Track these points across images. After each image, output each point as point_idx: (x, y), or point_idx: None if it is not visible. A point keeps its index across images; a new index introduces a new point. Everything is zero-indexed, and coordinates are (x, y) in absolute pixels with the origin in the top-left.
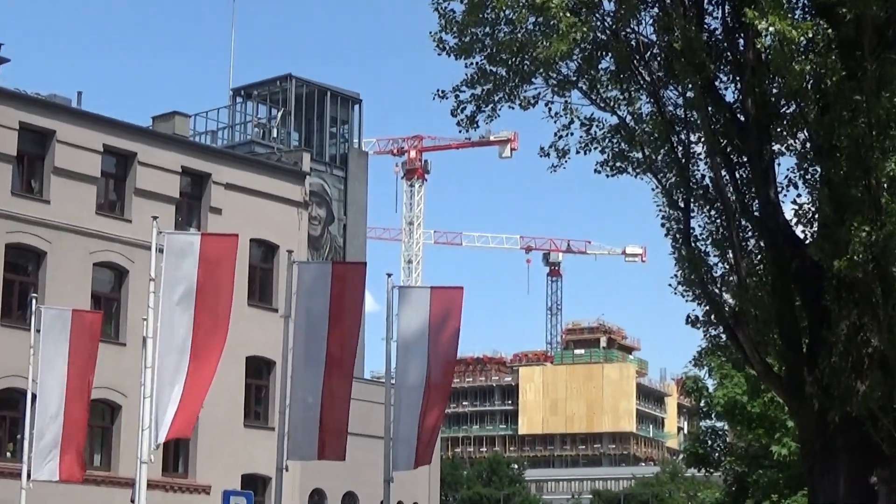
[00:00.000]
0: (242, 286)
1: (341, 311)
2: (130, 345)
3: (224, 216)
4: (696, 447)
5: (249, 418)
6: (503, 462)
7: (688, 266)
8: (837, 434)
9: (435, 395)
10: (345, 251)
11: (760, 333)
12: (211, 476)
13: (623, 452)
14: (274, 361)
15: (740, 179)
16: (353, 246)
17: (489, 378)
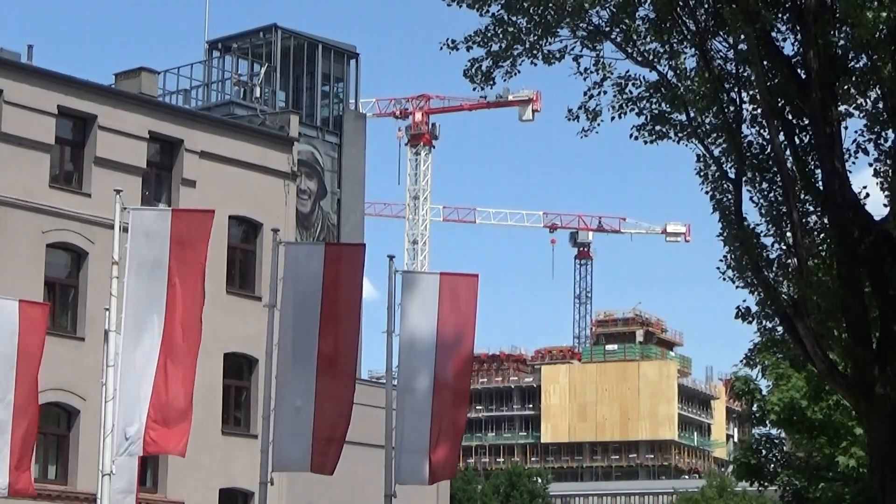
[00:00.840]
0: (220, 271)
1: (336, 301)
2: (90, 340)
3: (198, 189)
4: (747, 457)
5: (228, 425)
6: (523, 475)
7: (738, 247)
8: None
9: (446, 398)
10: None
11: (823, 325)
12: (184, 491)
13: (663, 464)
14: (256, 359)
15: (801, 145)
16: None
17: (507, 378)
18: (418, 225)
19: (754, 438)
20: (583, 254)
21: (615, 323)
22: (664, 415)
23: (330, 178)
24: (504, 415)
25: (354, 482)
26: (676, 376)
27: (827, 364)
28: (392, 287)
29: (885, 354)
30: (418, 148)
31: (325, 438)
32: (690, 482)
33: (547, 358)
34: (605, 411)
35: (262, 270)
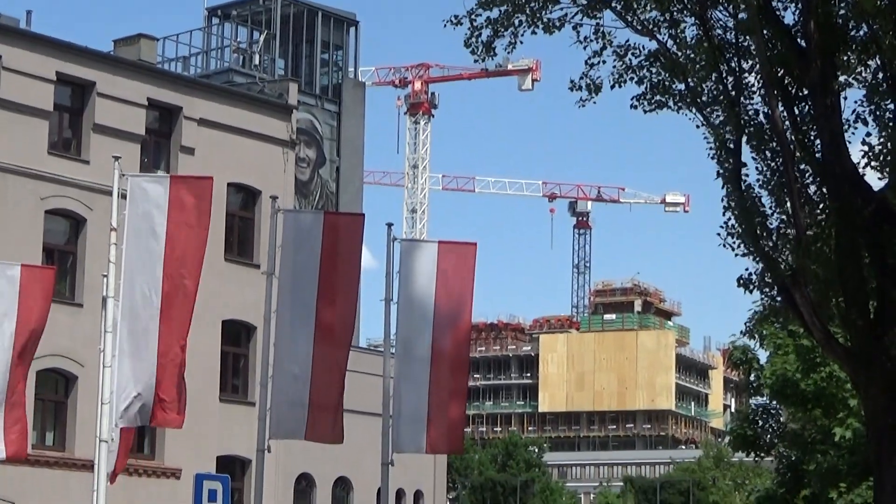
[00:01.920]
0: (218, 238)
1: (334, 270)
2: (88, 306)
3: (197, 157)
4: (744, 428)
5: (226, 392)
6: (520, 444)
7: (738, 215)
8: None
9: (445, 367)
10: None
11: (821, 295)
12: (181, 458)
13: (660, 434)
14: (255, 326)
15: (800, 115)
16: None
17: (505, 347)
18: (417, 194)
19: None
20: (581, 223)
21: (613, 293)
22: (662, 385)
23: (329, 146)
24: (502, 384)
25: (352, 450)
26: (674, 346)
27: (824, 334)
28: (390, 255)
29: (882, 325)
30: (417, 117)
31: (321, 406)
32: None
33: (545, 327)
34: (603, 381)
35: (261, 238)
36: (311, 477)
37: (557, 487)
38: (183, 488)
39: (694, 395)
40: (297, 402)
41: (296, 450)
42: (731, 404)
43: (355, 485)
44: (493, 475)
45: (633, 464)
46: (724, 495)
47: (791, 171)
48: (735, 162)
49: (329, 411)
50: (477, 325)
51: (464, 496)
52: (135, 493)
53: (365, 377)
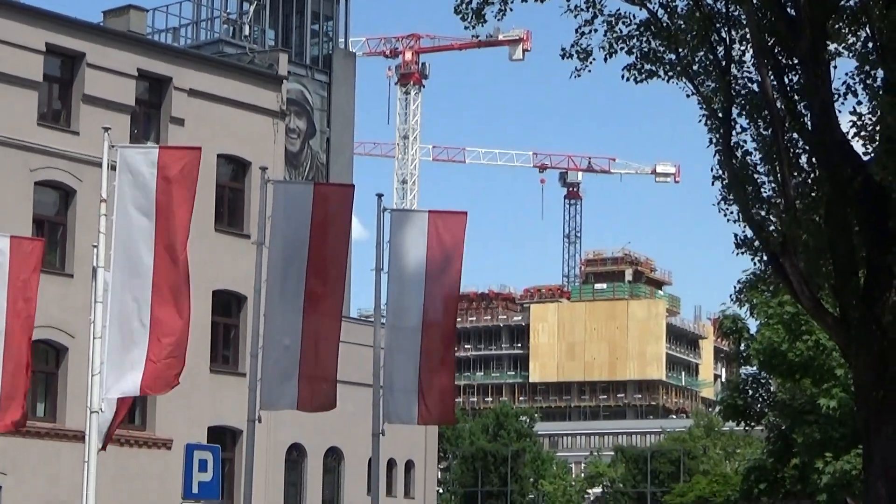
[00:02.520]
0: (209, 209)
1: (324, 240)
2: (78, 276)
3: (187, 128)
4: (734, 398)
5: (216, 362)
6: (511, 414)
7: (728, 184)
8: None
9: (435, 337)
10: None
11: (811, 264)
12: (172, 429)
13: (650, 403)
14: (245, 296)
15: (790, 85)
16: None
17: (495, 317)
18: (408, 164)
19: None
20: (572, 193)
21: (604, 262)
22: (652, 354)
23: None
24: (492, 354)
25: (342, 421)
26: (665, 315)
27: (814, 303)
28: (380, 225)
29: (871, 293)
30: (408, 87)
31: (311, 377)
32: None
33: (536, 297)
34: (594, 350)
35: (251, 208)
36: (302, 447)
37: (548, 457)
38: (174, 458)
39: (684, 364)
40: (288, 372)
41: (287, 420)
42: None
43: (346, 455)
44: (484, 445)
45: (624, 433)
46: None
47: (781, 140)
48: (725, 131)
49: (318, 381)
50: (468, 296)
51: (455, 466)
52: (126, 463)
53: (355, 347)
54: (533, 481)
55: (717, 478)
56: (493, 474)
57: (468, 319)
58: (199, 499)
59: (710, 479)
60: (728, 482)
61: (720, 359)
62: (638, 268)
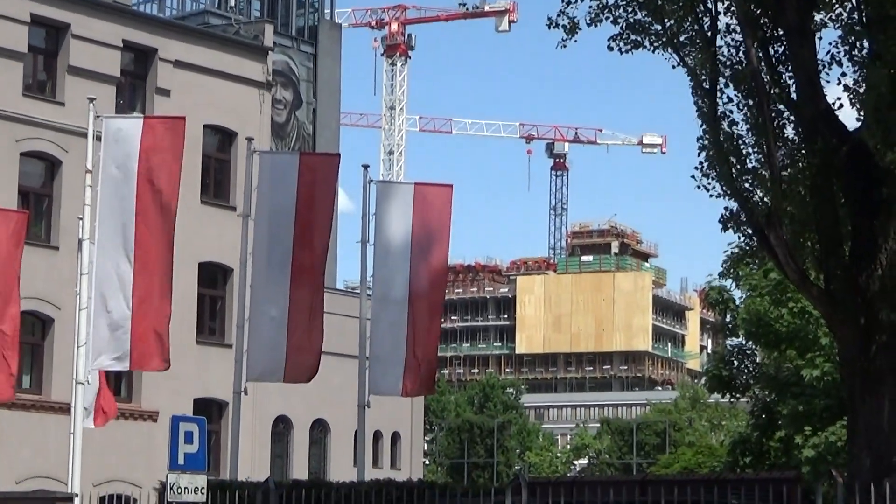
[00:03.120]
0: (195, 180)
1: (310, 210)
2: (64, 248)
3: (173, 98)
4: (719, 369)
5: (203, 334)
6: (497, 386)
7: (714, 155)
8: (884, 352)
9: (422, 309)
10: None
11: (796, 236)
12: (158, 401)
13: (636, 375)
14: (231, 268)
15: (776, 56)
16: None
17: (482, 289)
18: (394, 135)
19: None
20: (559, 165)
21: (590, 234)
22: (638, 326)
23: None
24: (479, 325)
25: (329, 392)
26: (651, 287)
27: (799, 274)
28: (366, 197)
29: (857, 265)
30: (394, 58)
31: (298, 348)
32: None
33: (522, 269)
34: (580, 322)
35: (237, 180)
36: (288, 419)
37: (534, 429)
38: (160, 431)
39: (670, 336)
40: (275, 344)
41: (273, 392)
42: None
43: (332, 427)
44: (470, 417)
45: (610, 405)
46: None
47: (766, 111)
48: (711, 102)
49: (305, 352)
50: (454, 267)
51: (441, 438)
52: (111, 435)
53: (342, 319)
54: (519, 453)
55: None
56: (480, 446)
57: (454, 291)
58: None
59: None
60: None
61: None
62: (624, 240)
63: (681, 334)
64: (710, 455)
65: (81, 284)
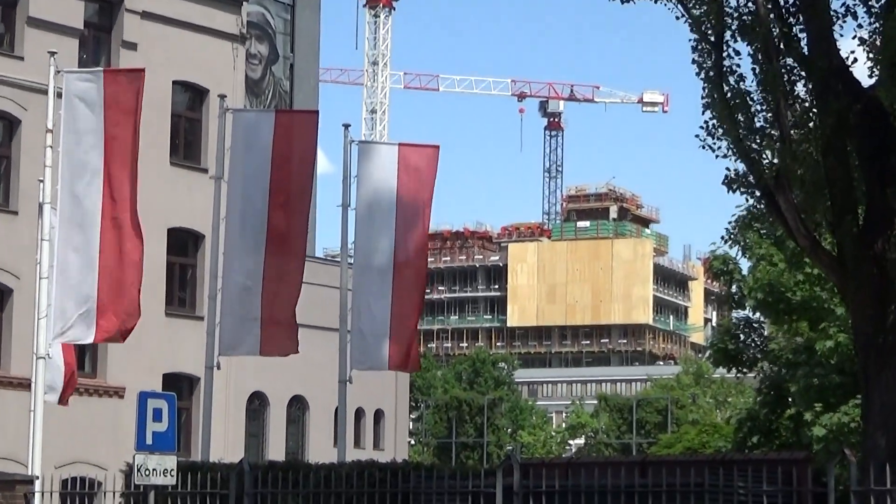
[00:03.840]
0: (163, 141)
1: (287, 172)
2: (24, 213)
3: (140, 52)
4: (725, 342)
5: (172, 305)
6: (488, 360)
7: (719, 113)
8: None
9: (407, 277)
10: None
11: (807, 199)
12: (125, 376)
13: (636, 349)
14: (203, 234)
15: (786, 7)
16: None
17: (471, 257)
18: (377, 93)
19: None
20: (553, 124)
21: (587, 198)
22: (638, 297)
23: (282, 41)
24: (468, 296)
25: (308, 367)
26: (652, 255)
27: (810, 241)
28: (348, 158)
29: (871, 230)
30: (377, 10)
31: (275, 321)
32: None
33: (514, 235)
34: (576, 293)
35: (209, 140)
36: (264, 396)
37: (527, 406)
38: (126, 408)
39: (673, 307)
40: (249, 315)
41: (248, 367)
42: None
43: (311, 404)
44: (458, 394)
45: (608, 381)
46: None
47: (776, 66)
48: (717, 56)
49: (282, 325)
50: (441, 234)
51: (427, 416)
52: (75, 412)
53: (321, 289)
54: (511, 432)
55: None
56: (469, 424)
57: (442, 259)
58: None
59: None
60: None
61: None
62: (623, 204)
63: (684, 306)
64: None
65: (42, 251)
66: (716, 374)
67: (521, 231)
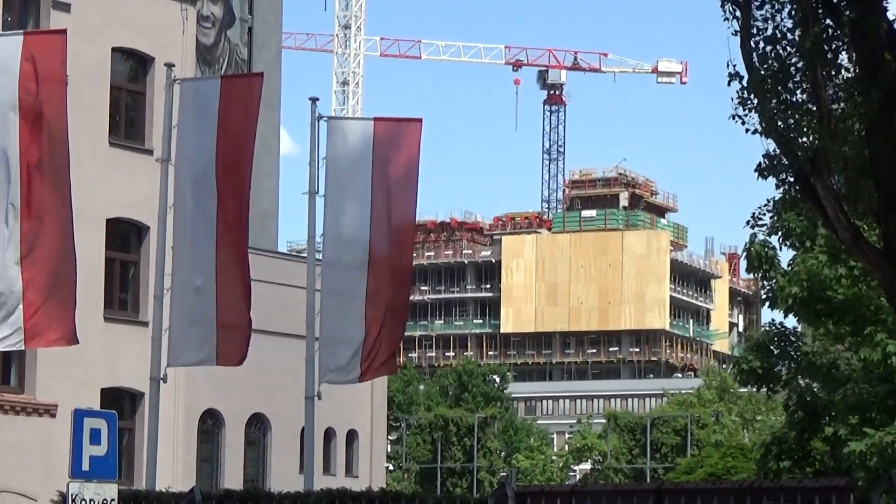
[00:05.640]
0: (101, 117)
1: (232, 148)
2: None
3: (73, 15)
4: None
5: (112, 309)
6: (478, 373)
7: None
8: None
9: (383, 276)
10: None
11: (850, 185)
12: (58, 392)
13: (651, 359)
14: (147, 226)
15: None
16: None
17: (458, 252)
18: (349, 61)
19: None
20: (554, 98)
21: (593, 184)
22: (653, 298)
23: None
24: (455, 297)
25: (269, 380)
26: (669, 250)
27: (852, 233)
28: (315, 137)
29: None
30: None
31: (230, 325)
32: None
33: (509, 227)
34: (581, 293)
35: (154, 117)
36: (218, 414)
37: (524, 426)
38: (59, 428)
39: (693, 310)
40: (201, 319)
41: (199, 380)
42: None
43: (273, 423)
44: (443, 412)
45: (618, 396)
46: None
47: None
48: (744, 18)
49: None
50: (424, 225)
51: (408, 437)
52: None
53: (284, 289)
54: (504, 456)
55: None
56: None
57: (425, 255)
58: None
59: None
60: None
61: (737, 303)
62: (635, 191)
63: (705, 308)
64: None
65: None
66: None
67: (517, 222)
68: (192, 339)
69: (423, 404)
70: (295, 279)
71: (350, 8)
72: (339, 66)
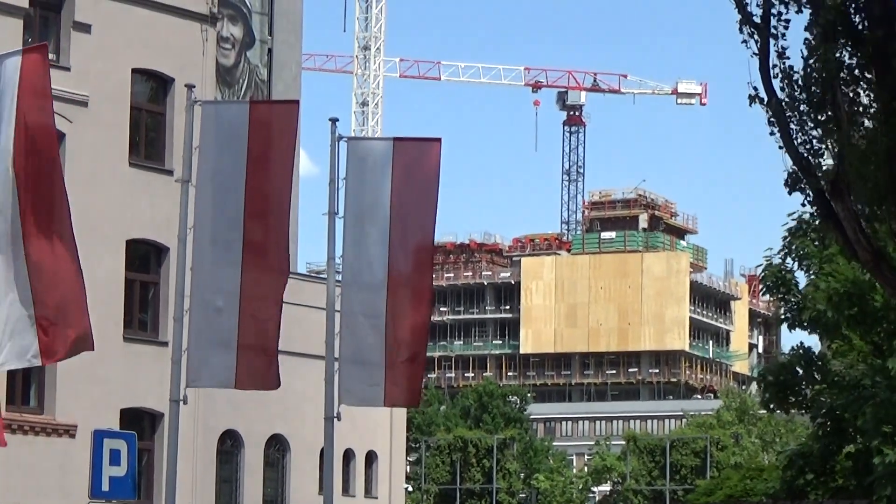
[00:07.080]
0: (122, 138)
1: (265, 173)
2: None
3: (94, 36)
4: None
5: (132, 329)
6: (497, 394)
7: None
8: None
9: (404, 297)
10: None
11: (871, 204)
12: (77, 412)
13: (670, 380)
14: (167, 247)
15: None
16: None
17: (478, 273)
18: (369, 82)
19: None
20: (573, 119)
21: (613, 205)
22: (672, 319)
23: (259, 22)
24: (474, 318)
25: (289, 401)
26: (688, 271)
27: (873, 255)
28: (335, 158)
29: None
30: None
31: (252, 348)
32: (704, 403)
33: (528, 248)
34: (600, 315)
35: (174, 137)
36: (237, 435)
37: (543, 447)
38: (79, 448)
39: (713, 332)
40: (222, 341)
41: (219, 401)
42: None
43: (293, 444)
44: (463, 433)
45: (637, 417)
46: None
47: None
48: (763, 40)
49: (261, 352)
50: (444, 247)
51: (427, 458)
52: (18, 454)
53: (304, 310)
54: (524, 477)
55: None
56: (475, 468)
57: (444, 276)
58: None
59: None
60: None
61: (757, 325)
62: (655, 212)
63: (725, 329)
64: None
65: None
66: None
67: (537, 243)
68: (212, 361)
69: (443, 425)
70: (314, 300)
71: (370, 29)
72: (358, 87)
